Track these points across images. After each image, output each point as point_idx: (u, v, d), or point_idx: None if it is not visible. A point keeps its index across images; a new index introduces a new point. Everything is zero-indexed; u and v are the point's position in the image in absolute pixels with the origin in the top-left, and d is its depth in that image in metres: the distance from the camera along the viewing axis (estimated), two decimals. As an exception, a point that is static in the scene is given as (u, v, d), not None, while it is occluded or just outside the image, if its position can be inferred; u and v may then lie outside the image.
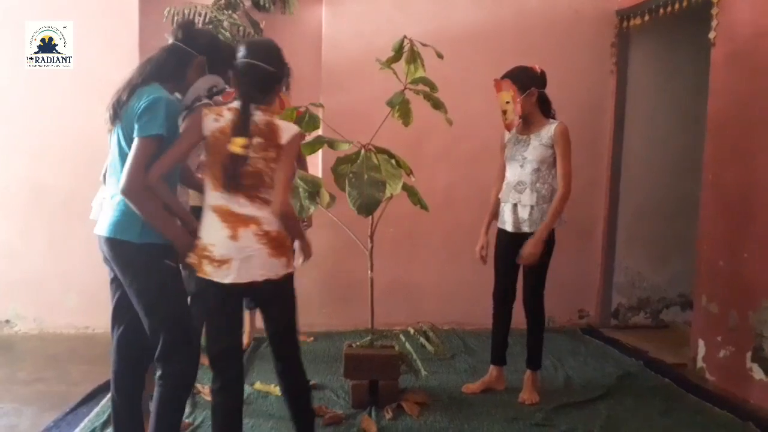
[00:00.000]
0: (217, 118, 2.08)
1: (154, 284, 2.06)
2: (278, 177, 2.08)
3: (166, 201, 2.06)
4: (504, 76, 3.05)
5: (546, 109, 3.07)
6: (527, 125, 3.07)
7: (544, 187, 3.01)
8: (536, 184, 3.01)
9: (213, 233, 2.08)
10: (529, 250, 2.96)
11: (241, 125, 2.05)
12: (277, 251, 2.09)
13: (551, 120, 3.04)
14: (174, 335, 2.07)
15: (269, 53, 2.16)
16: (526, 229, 3.04)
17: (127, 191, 1.97)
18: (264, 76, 2.12)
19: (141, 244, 2.03)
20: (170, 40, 2.18)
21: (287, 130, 2.10)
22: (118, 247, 2.06)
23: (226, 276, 2.06)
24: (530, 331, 3.15)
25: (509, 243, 3.11)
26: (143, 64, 2.16)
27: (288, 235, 2.16)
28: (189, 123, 2.14)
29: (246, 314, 3.91)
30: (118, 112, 2.06)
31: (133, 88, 2.07)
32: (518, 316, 3.23)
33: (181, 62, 2.16)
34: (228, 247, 2.06)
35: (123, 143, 2.06)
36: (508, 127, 3.11)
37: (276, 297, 2.19)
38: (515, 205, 3.08)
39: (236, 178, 2.05)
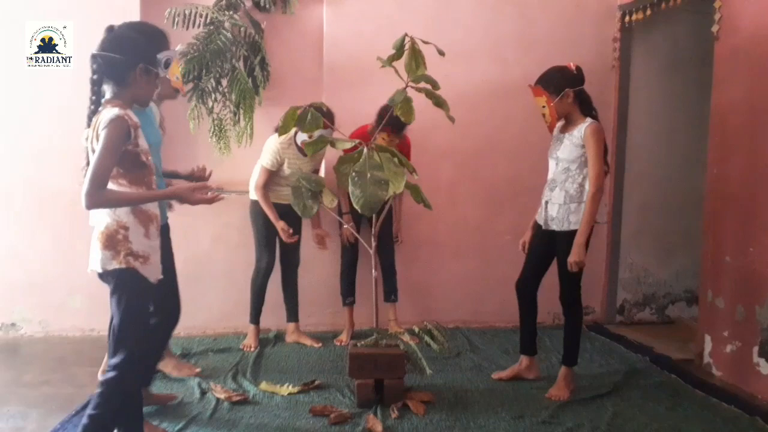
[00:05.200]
0: None
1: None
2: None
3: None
4: (537, 82, 3.06)
5: (585, 107, 3.06)
6: (567, 124, 3.10)
7: (573, 186, 3.04)
8: (566, 183, 3.05)
9: None
10: (573, 259, 2.98)
11: (88, 121, 2.16)
12: (103, 244, 2.11)
13: (587, 119, 3.03)
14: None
15: (114, 40, 2.15)
16: (554, 227, 3.10)
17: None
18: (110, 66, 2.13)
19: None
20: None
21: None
22: None
23: None
24: (565, 327, 3.18)
25: (541, 237, 3.20)
26: None
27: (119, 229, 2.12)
28: None
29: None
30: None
31: None
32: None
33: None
34: None
35: None
36: (549, 129, 3.15)
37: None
38: (546, 203, 3.14)
39: None
